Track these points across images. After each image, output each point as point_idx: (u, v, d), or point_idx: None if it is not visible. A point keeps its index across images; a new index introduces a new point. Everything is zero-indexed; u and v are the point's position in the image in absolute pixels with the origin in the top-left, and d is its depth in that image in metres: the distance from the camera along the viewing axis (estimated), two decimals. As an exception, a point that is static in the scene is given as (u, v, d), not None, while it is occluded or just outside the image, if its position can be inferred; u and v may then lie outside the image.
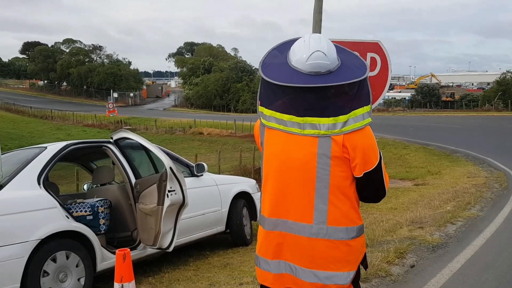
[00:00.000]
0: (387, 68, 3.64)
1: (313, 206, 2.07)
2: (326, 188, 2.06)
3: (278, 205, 2.15)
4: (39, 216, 4.47)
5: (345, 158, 2.05)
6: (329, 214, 2.06)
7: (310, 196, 2.08)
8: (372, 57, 3.67)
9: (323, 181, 2.06)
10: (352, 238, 2.09)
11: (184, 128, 39.31)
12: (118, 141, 5.76)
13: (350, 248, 2.09)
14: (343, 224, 2.08)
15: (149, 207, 5.11)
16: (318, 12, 8.76)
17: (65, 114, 51.40)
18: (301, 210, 2.09)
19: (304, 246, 2.09)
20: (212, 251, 6.65)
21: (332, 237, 2.07)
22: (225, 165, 20.29)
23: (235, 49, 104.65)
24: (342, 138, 2.02)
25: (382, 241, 5.92)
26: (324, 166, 2.05)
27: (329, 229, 2.07)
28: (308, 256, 2.10)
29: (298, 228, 2.10)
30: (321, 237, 2.07)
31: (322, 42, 2.09)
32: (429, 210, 7.93)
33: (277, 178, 2.15)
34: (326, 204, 2.06)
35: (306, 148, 2.07)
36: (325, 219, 2.07)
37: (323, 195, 2.06)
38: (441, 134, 25.98)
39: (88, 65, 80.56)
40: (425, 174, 13.73)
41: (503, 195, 9.33)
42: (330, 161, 2.04)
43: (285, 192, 2.13)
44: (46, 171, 4.90)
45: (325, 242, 2.07)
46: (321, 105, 2.02)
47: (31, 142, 31.99)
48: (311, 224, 2.08)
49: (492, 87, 58.09)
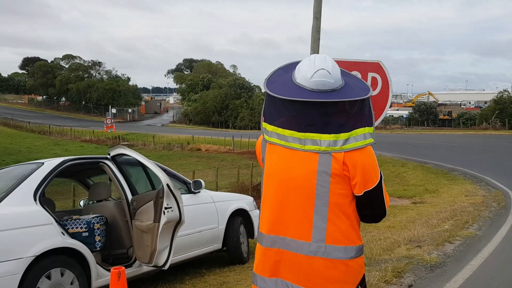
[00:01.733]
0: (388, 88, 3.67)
1: (312, 224, 2.05)
2: (325, 206, 2.04)
3: (276, 222, 2.13)
4: (34, 233, 4.43)
5: (345, 176, 2.04)
6: (328, 232, 2.04)
7: (309, 213, 2.06)
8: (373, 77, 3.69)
9: (322, 198, 2.04)
10: (351, 258, 2.06)
11: (182, 144, 39.30)
12: (115, 157, 5.75)
13: (349, 268, 2.06)
14: (342, 243, 2.05)
15: (145, 224, 5.08)
16: (316, 30, 8.84)
17: (63, 130, 51.40)
18: (300, 228, 2.07)
19: (302, 264, 2.07)
20: (208, 269, 6.59)
21: (331, 256, 2.04)
22: (223, 181, 20.23)
23: (234, 66, 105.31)
24: (342, 155, 2.02)
25: (379, 260, 5.88)
26: (323, 184, 2.04)
27: (327, 248, 2.04)
28: (305, 274, 2.07)
29: (297, 246, 2.07)
30: (319, 256, 2.04)
31: (327, 61, 2.12)
32: (427, 229, 7.90)
33: (277, 194, 2.14)
34: (325, 222, 2.04)
35: (306, 165, 2.07)
36: (323, 238, 2.04)
37: (322, 213, 2.04)
38: (439, 152, 26.02)
39: (87, 80, 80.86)
40: (423, 192, 13.72)
41: (501, 214, 9.31)
42: (330, 178, 2.03)
43: (284, 209, 2.12)
44: (43, 187, 4.88)
45: (323, 261, 2.04)
46: (323, 121, 2.03)
47: (28, 157, 31.91)
48: (309, 242, 2.05)
49: (490, 105, 58.40)
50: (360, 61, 3.72)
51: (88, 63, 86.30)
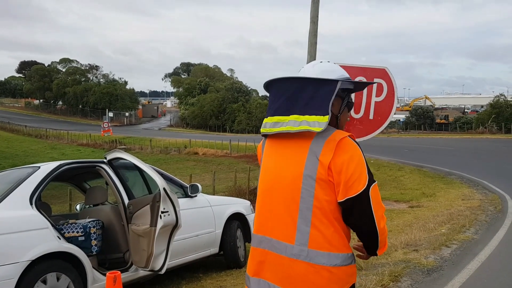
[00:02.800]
0: (393, 94, 3.69)
1: (296, 227, 2.04)
2: (309, 210, 2.02)
3: (264, 222, 2.15)
4: (30, 237, 4.42)
5: (330, 182, 2.00)
6: (311, 236, 2.01)
7: (294, 216, 2.04)
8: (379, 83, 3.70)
9: (307, 202, 2.02)
10: (335, 266, 2.02)
11: (179, 148, 39.26)
12: (112, 161, 5.74)
13: (332, 275, 2.01)
14: (325, 249, 2.01)
15: (142, 228, 5.06)
16: (313, 34, 8.87)
17: (60, 133, 51.29)
18: (285, 230, 2.06)
19: (284, 266, 2.05)
20: (205, 273, 6.58)
21: (313, 261, 2.01)
22: (220, 185, 20.22)
23: (231, 69, 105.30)
24: (329, 161, 1.99)
25: (376, 264, 5.88)
26: (308, 188, 2.02)
27: (310, 252, 2.01)
28: (287, 277, 2.05)
29: (281, 248, 2.07)
30: (301, 259, 2.02)
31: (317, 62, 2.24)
32: (424, 233, 7.90)
33: (267, 195, 2.16)
34: (308, 226, 2.02)
35: (294, 168, 2.06)
36: (306, 242, 2.01)
37: (306, 217, 2.02)
38: (436, 156, 26.07)
39: (84, 84, 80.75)
40: (419, 196, 13.73)
41: (498, 218, 9.32)
42: (315, 183, 2.01)
43: (272, 209, 2.12)
44: (39, 191, 4.87)
45: (306, 265, 2.01)
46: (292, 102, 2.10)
47: (25, 161, 31.84)
48: (292, 245, 2.03)
49: (486, 109, 58.58)
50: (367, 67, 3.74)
51: (85, 66, 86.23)
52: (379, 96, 3.67)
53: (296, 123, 2.05)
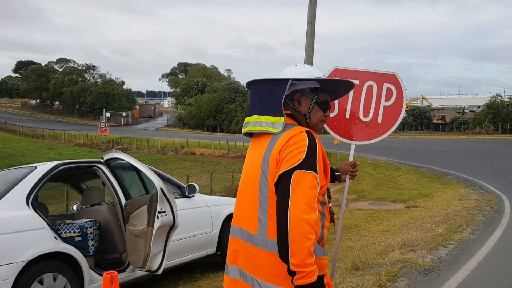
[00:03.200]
0: (402, 99, 3.76)
1: (257, 218, 2.15)
2: (266, 201, 2.12)
3: (238, 214, 2.28)
4: (27, 237, 4.41)
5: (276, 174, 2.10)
6: (269, 227, 2.10)
7: (255, 208, 2.16)
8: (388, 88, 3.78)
9: (263, 194, 2.12)
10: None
11: (177, 148, 39.23)
12: (109, 161, 5.73)
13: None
14: None
15: (139, 228, 5.05)
16: (310, 35, 8.89)
17: (57, 133, 51.17)
18: (251, 220, 2.18)
19: (252, 254, 2.15)
20: (202, 273, 6.57)
21: (272, 250, 2.08)
22: (217, 185, 20.21)
23: (229, 70, 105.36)
24: (276, 155, 2.08)
25: (373, 264, 5.89)
26: (264, 181, 2.13)
27: (268, 242, 2.10)
28: (255, 265, 2.15)
29: (249, 237, 2.18)
30: (263, 248, 2.11)
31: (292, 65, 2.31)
32: (421, 233, 7.91)
33: (241, 189, 2.29)
34: (266, 217, 2.11)
35: (256, 161, 2.19)
36: (265, 231, 2.11)
37: (264, 208, 2.12)
38: (432, 156, 26.13)
39: (81, 84, 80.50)
40: (416, 196, 13.75)
41: (494, 218, 9.35)
42: (268, 176, 2.11)
43: (244, 202, 2.24)
44: (36, 191, 4.86)
45: (267, 254, 2.10)
46: (260, 103, 2.21)
47: (21, 161, 31.76)
48: (256, 234, 2.14)
49: (483, 110, 58.76)
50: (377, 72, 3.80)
51: (82, 66, 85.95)
52: (388, 101, 3.74)
53: (256, 123, 2.19)
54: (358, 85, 3.77)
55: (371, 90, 3.76)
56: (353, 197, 14.97)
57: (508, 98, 56.58)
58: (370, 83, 3.77)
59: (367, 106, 3.74)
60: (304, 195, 1.97)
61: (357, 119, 3.76)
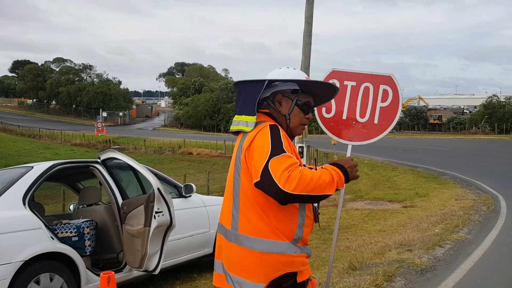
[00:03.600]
0: (398, 100, 3.82)
1: (231, 213, 2.23)
2: (238, 197, 2.21)
3: (222, 211, 2.37)
4: (23, 237, 4.40)
5: (249, 171, 2.15)
6: (240, 222, 2.18)
7: (230, 203, 2.25)
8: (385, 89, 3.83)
9: (236, 190, 2.22)
10: (261, 251, 2.12)
11: (174, 148, 39.18)
12: (106, 161, 5.72)
13: (259, 260, 2.12)
14: (251, 234, 2.15)
15: (136, 228, 5.05)
16: (307, 35, 8.91)
17: (53, 133, 51.02)
18: (227, 216, 2.27)
19: (227, 249, 2.24)
20: (199, 273, 6.57)
21: (242, 245, 2.16)
22: (214, 185, 20.20)
23: (226, 70, 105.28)
24: (244, 152, 2.16)
25: (370, 264, 5.89)
26: (236, 176, 2.22)
27: (239, 236, 2.17)
28: (228, 259, 2.23)
29: (226, 232, 2.26)
30: (234, 243, 2.19)
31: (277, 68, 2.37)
32: (418, 233, 7.93)
33: (226, 187, 2.37)
34: (238, 212, 2.20)
35: (232, 159, 2.30)
36: (237, 226, 2.19)
37: (236, 203, 2.21)
38: (429, 156, 26.18)
39: (77, 84, 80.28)
40: (413, 196, 13.78)
41: (491, 218, 9.37)
42: (240, 171, 2.19)
43: (225, 199, 2.34)
44: (32, 191, 4.85)
45: (238, 248, 2.17)
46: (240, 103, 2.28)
47: (18, 161, 31.68)
48: (229, 229, 2.23)
49: (479, 110, 58.90)
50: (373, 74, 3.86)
51: (79, 66, 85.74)
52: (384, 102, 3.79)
53: (234, 123, 2.28)
54: (355, 87, 3.81)
55: (367, 91, 3.79)
56: (350, 197, 14.99)
57: (505, 99, 56.74)
58: (366, 84, 3.81)
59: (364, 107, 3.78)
60: (282, 170, 1.99)
61: (353, 120, 3.78)
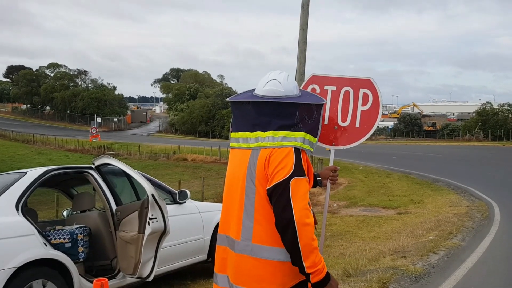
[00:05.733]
0: (378, 104, 3.85)
1: (242, 223, 2.16)
2: (252, 206, 2.14)
3: (224, 222, 2.30)
4: (16, 243, 4.36)
5: (267, 177, 2.12)
6: (254, 231, 2.12)
7: (240, 213, 2.18)
8: (365, 93, 3.88)
9: (250, 199, 2.15)
10: (279, 260, 2.09)
11: (168, 154, 39.09)
12: (100, 167, 5.70)
13: (276, 269, 2.09)
14: (268, 243, 2.11)
15: (130, 235, 5.02)
16: (302, 41, 8.93)
17: (47, 139, 50.78)
18: (235, 227, 2.20)
19: (235, 262, 2.17)
20: (193, 280, 6.54)
21: (257, 255, 2.10)
22: (209, 192, 20.16)
23: (221, 75, 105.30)
24: (265, 157, 2.12)
25: (365, 270, 5.89)
26: (251, 185, 2.16)
27: (254, 247, 2.11)
28: (236, 272, 2.16)
29: (233, 244, 2.19)
30: (246, 254, 2.12)
31: (281, 75, 2.28)
32: (412, 239, 7.94)
33: (226, 195, 2.32)
34: (252, 222, 2.13)
35: (242, 167, 2.21)
36: (250, 236, 2.13)
37: (250, 213, 2.14)
38: (423, 163, 26.27)
39: (72, 89, 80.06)
40: (407, 202, 13.80)
41: (485, 225, 9.41)
42: (255, 180, 2.14)
43: (229, 209, 2.26)
44: (25, 197, 4.82)
45: (251, 259, 2.11)
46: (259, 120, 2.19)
47: (11, 166, 31.45)
48: (239, 241, 2.16)
49: (473, 117, 59.24)
50: (353, 78, 3.90)
51: (73, 71, 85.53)
52: (365, 105, 3.83)
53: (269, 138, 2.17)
54: (335, 91, 3.85)
55: (348, 95, 3.82)
56: (344, 203, 15.00)
57: (498, 106, 57.11)
58: (346, 88, 3.85)
59: (345, 111, 3.82)
60: (303, 200, 2.06)
61: (335, 124, 3.80)
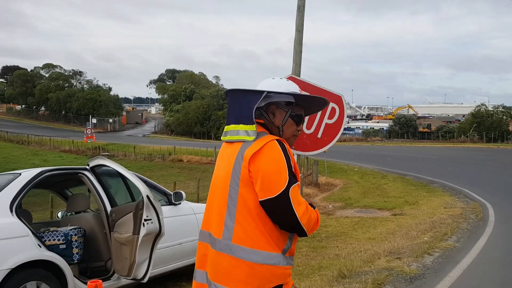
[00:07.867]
0: (342, 120, 3.98)
1: (224, 222, 2.19)
2: (234, 207, 2.17)
3: (206, 218, 2.32)
4: (10, 245, 4.35)
5: (251, 181, 2.14)
6: (235, 232, 2.15)
7: (223, 212, 2.21)
8: (333, 107, 4.00)
9: (233, 200, 2.18)
10: (256, 262, 2.10)
11: (164, 155, 39.00)
12: (95, 168, 5.68)
13: (253, 270, 2.10)
14: (247, 244, 2.13)
15: (124, 236, 5.01)
16: (298, 43, 8.95)
17: (42, 139, 50.59)
18: (217, 225, 2.22)
19: (214, 259, 2.20)
20: (188, 282, 6.52)
21: (235, 255, 2.13)
22: (204, 193, 20.12)
23: (217, 77, 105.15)
24: (248, 161, 2.14)
25: (360, 272, 5.90)
26: (234, 186, 2.19)
27: (233, 247, 2.14)
28: (216, 270, 2.19)
29: (214, 242, 2.22)
30: (226, 253, 2.15)
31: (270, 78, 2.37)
32: (407, 241, 7.96)
33: (210, 193, 2.35)
34: (233, 222, 2.16)
35: (226, 166, 2.24)
36: (231, 236, 2.15)
37: (232, 213, 2.17)
38: (418, 164, 26.34)
39: (67, 90, 79.76)
40: (402, 204, 13.83)
41: (479, 226, 9.44)
42: (239, 182, 2.16)
43: (212, 207, 2.29)
44: (20, 198, 4.80)
45: (229, 258, 2.14)
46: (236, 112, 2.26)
47: (6, 167, 31.31)
48: (220, 239, 2.19)
49: (468, 119, 59.46)
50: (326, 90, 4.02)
51: (68, 72, 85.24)
52: (330, 119, 3.93)
53: (233, 132, 2.25)
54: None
55: None
56: (340, 204, 15.01)
57: (493, 108, 57.37)
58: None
59: (311, 120, 3.90)
60: (302, 203, 2.15)
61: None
